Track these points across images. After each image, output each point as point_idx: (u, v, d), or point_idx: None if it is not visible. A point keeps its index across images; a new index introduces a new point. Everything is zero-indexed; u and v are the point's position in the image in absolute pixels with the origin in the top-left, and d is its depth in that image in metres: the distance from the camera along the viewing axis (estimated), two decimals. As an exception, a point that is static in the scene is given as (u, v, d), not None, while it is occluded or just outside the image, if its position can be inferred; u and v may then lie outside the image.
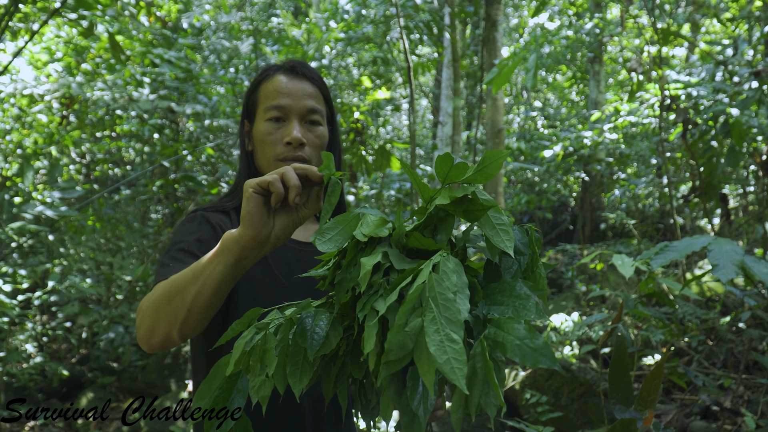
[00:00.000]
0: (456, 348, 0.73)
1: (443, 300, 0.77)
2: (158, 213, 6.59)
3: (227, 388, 0.91)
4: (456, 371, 0.72)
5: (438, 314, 0.76)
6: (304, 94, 1.38)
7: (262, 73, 1.44)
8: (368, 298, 0.85)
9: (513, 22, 13.40)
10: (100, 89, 5.48)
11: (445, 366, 0.72)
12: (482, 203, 0.89)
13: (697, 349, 4.21)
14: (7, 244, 5.16)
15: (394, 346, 0.77)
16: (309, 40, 8.07)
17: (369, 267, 0.85)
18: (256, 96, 1.42)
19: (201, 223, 1.32)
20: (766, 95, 3.65)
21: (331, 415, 1.36)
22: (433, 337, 0.74)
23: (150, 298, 1.12)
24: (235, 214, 1.39)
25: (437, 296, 0.78)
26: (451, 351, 0.73)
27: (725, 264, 1.62)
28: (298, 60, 1.45)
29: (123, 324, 5.30)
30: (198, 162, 5.98)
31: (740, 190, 6.34)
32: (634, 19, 6.14)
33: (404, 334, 0.77)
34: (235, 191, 1.45)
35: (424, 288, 0.78)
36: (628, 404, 1.54)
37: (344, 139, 5.40)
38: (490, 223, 0.90)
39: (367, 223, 0.92)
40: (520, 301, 0.83)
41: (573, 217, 9.86)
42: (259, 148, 1.39)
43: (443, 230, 0.92)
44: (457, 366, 0.72)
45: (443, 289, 0.78)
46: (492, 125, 6.48)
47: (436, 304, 0.77)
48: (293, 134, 1.34)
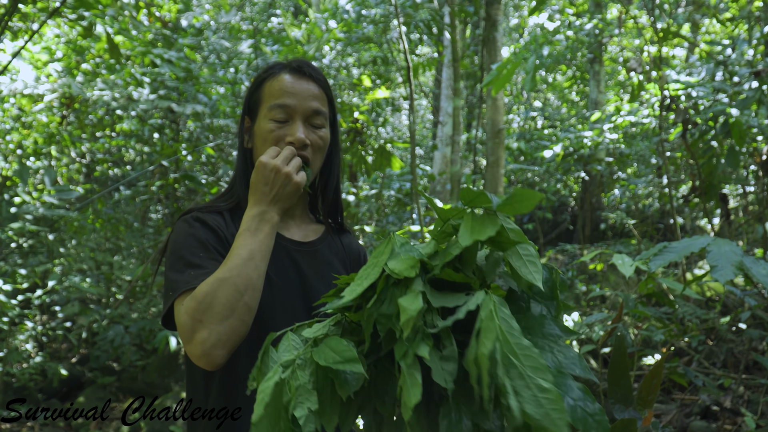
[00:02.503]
0: (551, 397, 0.67)
1: (519, 349, 0.71)
2: (158, 213, 6.59)
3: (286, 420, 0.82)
4: (557, 422, 0.66)
5: (521, 367, 0.70)
6: (309, 95, 1.37)
7: (267, 70, 1.42)
8: (409, 345, 0.78)
9: (513, 22, 13.40)
10: (100, 89, 5.47)
11: (545, 421, 0.66)
12: (510, 237, 0.85)
13: (697, 349, 4.21)
14: (7, 244, 5.16)
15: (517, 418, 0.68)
16: (309, 40, 8.07)
17: (414, 313, 0.78)
18: (260, 93, 1.40)
19: (202, 226, 1.30)
20: (766, 95, 3.65)
21: None
22: (524, 394, 0.68)
23: (201, 307, 1.10)
24: (229, 215, 1.37)
25: (513, 348, 0.71)
26: (547, 402, 0.67)
27: (724, 265, 1.62)
28: (303, 60, 1.44)
29: (123, 324, 5.30)
30: (198, 162, 5.98)
31: (740, 190, 6.34)
32: (633, 20, 6.14)
33: None
34: (231, 192, 1.42)
35: (497, 342, 0.72)
36: (627, 404, 1.54)
37: (344, 139, 5.40)
38: (517, 254, 0.87)
39: (400, 259, 0.86)
40: (558, 349, 0.78)
41: (573, 217, 9.86)
42: (260, 146, 1.37)
43: (468, 261, 0.88)
44: (558, 417, 0.67)
45: (515, 338, 0.72)
46: (492, 125, 6.48)
47: (515, 356, 0.71)
48: (297, 135, 1.33)
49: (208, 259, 1.23)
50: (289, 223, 1.44)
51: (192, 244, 1.26)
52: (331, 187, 1.48)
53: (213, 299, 1.10)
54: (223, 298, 1.10)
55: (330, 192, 1.48)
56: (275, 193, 1.23)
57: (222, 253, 1.26)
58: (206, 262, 1.22)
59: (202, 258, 1.23)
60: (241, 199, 1.39)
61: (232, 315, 1.10)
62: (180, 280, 1.19)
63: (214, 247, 1.26)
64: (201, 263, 1.22)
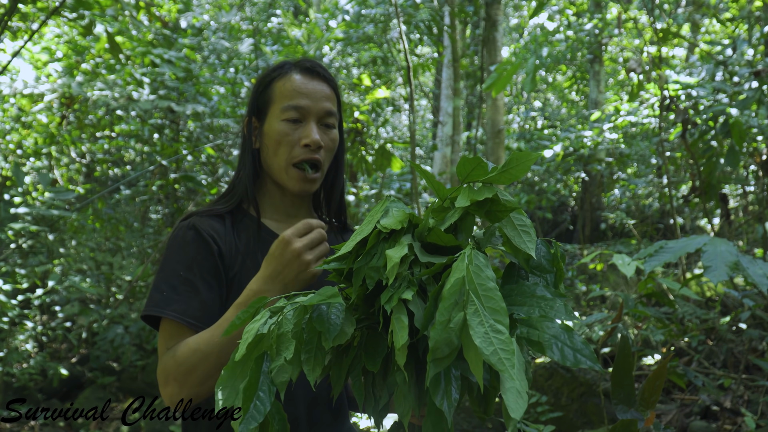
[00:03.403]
0: (502, 338, 0.72)
1: (484, 291, 0.75)
2: (158, 213, 6.59)
3: (255, 369, 0.86)
4: (504, 362, 0.70)
5: (480, 306, 0.74)
6: (322, 96, 1.36)
7: (276, 69, 1.39)
8: (394, 290, 0.83)
9: (513, 22, 13.40)
10: (100, 89, 5.47)
11: (492, 357, 0.70)
12: (505, 204, 0.87)
13: (697, 349, 4.21)
14: (7, 245, 5.16)
15: (440, 343, 0.75)
16: (309, 40, 8.07)
17: (397, 259, 0.83)
18: (270, 93, 1.37)
19: (194, 240, 1.29)
20: (766, 95, 3.65)
21: (327, 420, 1.34)
22: (477, 330, 0.72)
23: (179, 370, 1.16)
24: (230, 218, 1.36)
25: (477, 288, 0.76)
26: (498, 342, 0.72)
27: (718, 265, 1.62)
28: (312, 59, 1.42)
29: (123, 324, 5.30)
30: (198, 162, 5.98)
31: (740, 190, 6.34)
32: (633, 20, 6.14)
33: (449, 330, 0.75)
34: (232, 193, 1.40)
35: (463, 281, 0.76)
36: (630, 405, 1.54)
37: (344, 138, 5.39)
38: (512, 224, 0.89)
39: (391, 215, 0.91)
40: (545, 302, 0.81)
41: (573, 217, 9.86)
42: (272, 148, 1.35)
43: (464, 229, 0.91)
44: (505, 356, 0.71)
45: (482, 280, 0.76)
46: (492, 125, 6.48)
47: (477, 296, 0.75)
48: (313, 137, 1.32)
49: (189, 283, 1.25)
50: (293, 223, 1.43)
51: (180, 261, 1.27)
52: (338, 188, 1.47)
53: (192, 369, 1.15)
54: (201, 371, 1.15)
55: (337, 193, 1.47)
56: (285, 276, 1.15)
57: (210, 271, 1.27)
58: (187, 286, 1.24)
59: (186, 281, 1.25)
60: (244, 200, 1.38)
61: (205, 383, 1.16)
62: (159, 298, 1.23)
63: (199, 267, 1.26)
64: (183, 287, 1.24)
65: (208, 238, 1.29)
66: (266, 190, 1.42)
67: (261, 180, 1.42)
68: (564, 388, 3.81)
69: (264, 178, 1.42)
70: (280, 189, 1.40)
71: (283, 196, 1.41)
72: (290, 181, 1.35)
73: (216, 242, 1.29)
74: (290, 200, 1.41)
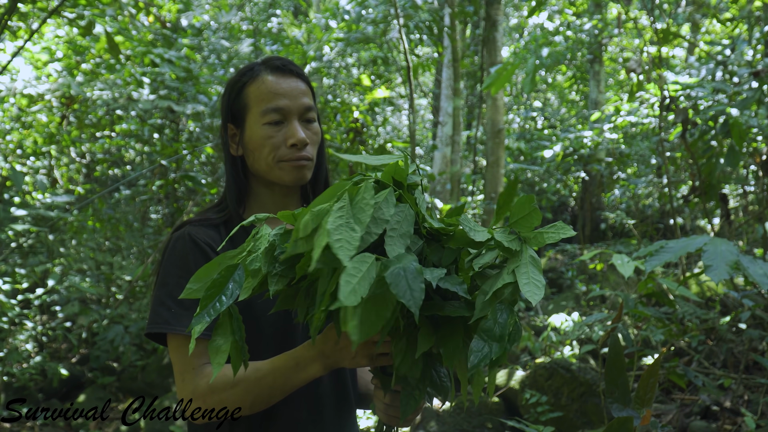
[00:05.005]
0: (354, 236, 0.82)
1: (361, 201, 0.87)
2: (158, 213, 6.59)
3: (225, 275, 0.96)
4: (343, 249, 0.80)
5: (348, 206, 0.86)
6: (299, 93, 1.35)
7: (246, 73, 1.37)
8: None
9: (513, 22, 13.40)
10: (100, 89, 5.47)
11: (335, 244, 0.80)
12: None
13: (697, 349, 4.21)
14: (7, 244, 5.16)
15: (301, 224, 0.87)
16: (309, 40, 8.07)
17: None
18: (245, 98, 1.35)
19: (192, 251, 1.27)
20: (766, 95, 3.65)
21: (331, 419, 1.34)
22: (334, 216, 0.83)
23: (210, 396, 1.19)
24: (224, 228, 1.34)
25: (361, 200, 0.87)
26: (347, 235, 0.82)
27: (719, 265, 1.62)
28: (280, 57, 1.41)
29: (123, 324, 5.30)
30: (198, 162, 5.98)
31: (740, 190, 6.34)
32: (633, 20, 6.14)
33: (312, 213, 0.87)
34: (223, 203, 1.39)
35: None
36: (625, 403, 1.54)
37: (344, 138, 5.40)
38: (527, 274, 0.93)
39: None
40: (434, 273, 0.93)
41: (573, 217, 9.86)
42: (256, 152, 1.34)
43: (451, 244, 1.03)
44: (348, 247, 0.80)
45: (368, 197, 0.88)
46: (492, 125, 6.48)
47: (352, 202, 0.88)
48: (298, 136, 1.31)
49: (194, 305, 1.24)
50: None
51: (182, 275, 1.24)
52: (322, 178, 1.47)
53: (224, 401, 1.19)
54: (232, 402, 1.19)
55: (321, 182, 1.47)
56: (334, 360, 1.13)
57: None
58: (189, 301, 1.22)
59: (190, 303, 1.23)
60: (233, 213, 1.36)
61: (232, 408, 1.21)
62: (171, 318, 1.23)
63: None
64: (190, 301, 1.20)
65: (205, 248, 1.28)
66: (254, 194, 1.41)
67: (248, 185, 1.41)
68: (564, 388, 3.81)
69: (250, 183, 1.40)
70: (268, 188, 1.39)
71: (272, 193, 1.40)
72: (284, 174, 1.33)
73: (214, 251, 1.28)
74: (279, 196, 1.40)
